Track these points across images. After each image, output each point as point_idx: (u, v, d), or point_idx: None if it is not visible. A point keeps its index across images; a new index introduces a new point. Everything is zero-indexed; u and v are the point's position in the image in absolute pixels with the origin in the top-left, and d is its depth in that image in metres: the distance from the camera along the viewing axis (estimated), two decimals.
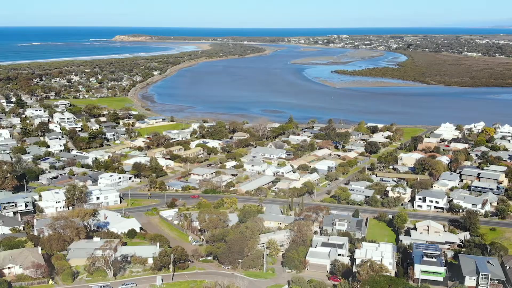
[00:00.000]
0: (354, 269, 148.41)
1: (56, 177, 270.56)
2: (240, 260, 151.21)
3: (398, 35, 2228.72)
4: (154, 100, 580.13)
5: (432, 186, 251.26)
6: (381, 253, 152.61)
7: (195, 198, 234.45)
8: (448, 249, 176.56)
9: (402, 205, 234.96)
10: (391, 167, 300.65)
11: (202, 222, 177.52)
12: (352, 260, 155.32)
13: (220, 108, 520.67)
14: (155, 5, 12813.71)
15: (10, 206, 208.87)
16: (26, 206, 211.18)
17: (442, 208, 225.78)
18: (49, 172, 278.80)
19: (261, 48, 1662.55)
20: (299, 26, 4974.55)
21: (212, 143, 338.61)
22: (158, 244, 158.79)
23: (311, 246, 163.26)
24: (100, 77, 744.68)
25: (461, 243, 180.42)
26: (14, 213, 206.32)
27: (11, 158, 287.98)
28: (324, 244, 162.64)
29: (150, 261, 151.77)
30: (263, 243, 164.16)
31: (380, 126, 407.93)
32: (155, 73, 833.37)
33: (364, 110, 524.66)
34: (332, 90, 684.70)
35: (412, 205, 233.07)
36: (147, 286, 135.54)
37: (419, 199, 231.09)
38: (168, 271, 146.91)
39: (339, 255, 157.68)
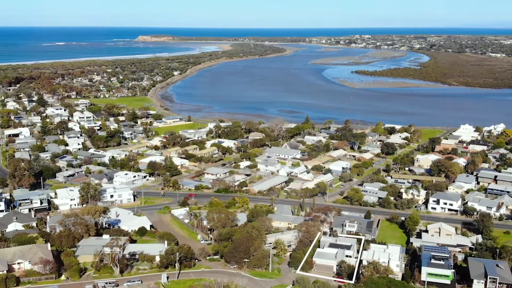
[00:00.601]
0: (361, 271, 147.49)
1: (73, 175, 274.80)
2: (246, 260, 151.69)
3: (422, 36, 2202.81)
4: (173, 100, 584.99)
5: (447, 188, 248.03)
6: (388, 255, 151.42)
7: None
8: (459, 252, 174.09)
9: (416, 207, 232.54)
10: (407, 168, 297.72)
11: (211, 221, 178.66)
12: (360, 261, 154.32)
13: (238, 108, 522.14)
14: (178, 6, 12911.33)
15: (26, 203, 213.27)
16: (41, 203, 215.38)
17: (456, 211, 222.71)
18: (66, 170, 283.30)
19: (282, 48, 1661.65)
20: (320, 26, 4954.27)
21: (227, 143, 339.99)
22: (165, 242, 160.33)
23: (319, 247, 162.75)
24: (121, 77, 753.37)
25: (473, 246, 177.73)
26: (30, 209, 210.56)
27: (30, 156, 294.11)
28: (332, 245, 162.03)
29: (158, 259, 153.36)
30: (270, 243, 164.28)
31: (398, 127, 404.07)
32: (175, 73, 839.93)
33: (383, 111, 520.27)
34: (351, 91, 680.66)
35: (426, 207, 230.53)
36: (152, 284, 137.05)
37: (433, 201, 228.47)
38: (174, 269, 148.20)
39: (347, 256, 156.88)
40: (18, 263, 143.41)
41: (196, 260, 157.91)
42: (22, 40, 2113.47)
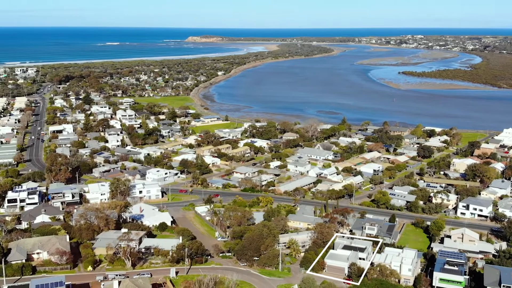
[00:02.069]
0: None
1: (108, 171, 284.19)
2: (256, 258, 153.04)
3: (476, 36, 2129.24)
4: (214, 100, 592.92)
5: (479, 194, 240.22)
6: (401, 259, 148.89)
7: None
8: (481, 258, 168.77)
9: (445, 212, 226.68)
10: (442, 172, 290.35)
11: (227, 219, 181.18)
12: (371, 264, 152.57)
13: (277, 108, 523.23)
14: (228, 7, 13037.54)
15: (58, 196, 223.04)
16: (73, 197, 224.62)
17: (486, 217, 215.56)
18: (102, 165, 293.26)
19: (329, 49, 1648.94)
20: (371, 26, 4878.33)
21: (260, 143, 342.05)
22: (180, 237, 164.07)
23: (333, 248, 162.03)
24: (166, 77, 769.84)
25: (496, 253, 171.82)
26: (62, 203, 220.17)
27: (70, 151, 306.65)
28: (346, 247, 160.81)
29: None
30: (284, 243, 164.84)
31: (438, 130, 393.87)
32: (219, 73, 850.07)
33: (426, 113, 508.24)
34: (395, 92, 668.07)
35: (455, 212, 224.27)
36: (161, 277, 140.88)
37: (463, 206, 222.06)
38: (186, 265, 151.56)
39: (360, 258, 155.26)
40: (37, 253, 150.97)
41: (209, 257, 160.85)
42: (77, 40, 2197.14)
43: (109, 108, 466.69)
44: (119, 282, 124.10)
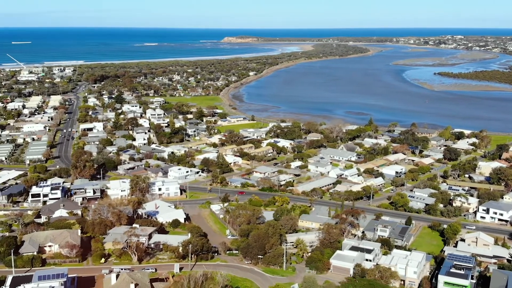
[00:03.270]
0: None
1: (133, 168, 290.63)
2: (260, 256, 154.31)
3: None
4: (243, 100, 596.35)
5: (502, 198, 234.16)
6: (407, 261, 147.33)
7: (242, 194, 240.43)
8: (494, 263, 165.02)
9: (464, 215, 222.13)
10: (467, 175, 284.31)
11: (237, 217, 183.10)
12: (376, 265, 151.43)
13: (305, 109, 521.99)
14: (263, 7, 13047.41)
15: (80, 192, 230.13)
16: (94, 192, 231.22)
17: (506, 221, 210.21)
18: (127, 163, 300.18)
19: (365, 49, 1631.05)
20: (410, 26, 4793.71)
21: (283, 143, 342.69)
22: (189, 234, 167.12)
23: (340, 249, 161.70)
24: (198, 77, 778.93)
25: (511, 258, 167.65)
26: (83, 198, 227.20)
27: (97, 149, 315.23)
28: (353, 248, 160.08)
29: (180, 249, 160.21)
30: (292, 242, 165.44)
31: (467, 132, 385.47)
32: (251, 73, 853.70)
33: (457, 114, 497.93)
34: (428, 93, 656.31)
35: (475, 215, 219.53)
36: (164, 272, 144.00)
37: (483, 210, 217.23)
38: (191, 261, 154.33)
39: (366, 260, 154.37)
40: (49, 246, 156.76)
41: (216, 254, 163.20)
42: (116, 40, 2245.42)
43: (140, 107, 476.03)
44: (117, 275, 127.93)
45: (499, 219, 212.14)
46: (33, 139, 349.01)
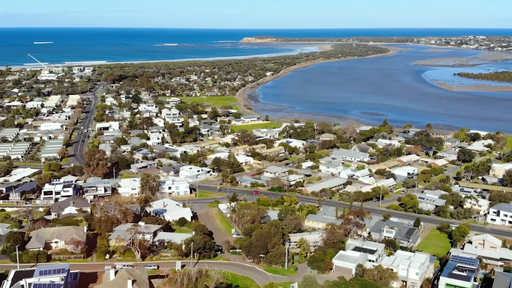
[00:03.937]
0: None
1: (145, 167, 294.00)
2: (262, 255, 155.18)
3: None
4: (258, 100, 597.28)
5: None
6: (409, 263, 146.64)
7: (257, 193, 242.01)
8: (501, 265, 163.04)
9: (474, 217, 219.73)
10: (480, 177, 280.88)
11: (242, 216, 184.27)
12: (378, 266, 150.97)
13: (320, 109, 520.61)
14: (283, 8, 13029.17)
15: (92, 190, 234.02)
16: (105, 190, 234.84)
17: None
18: (141, 162, 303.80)
19: (385, 49, 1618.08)
20: (431, 26, 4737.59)
21: (295, 143, 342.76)
22: (193, 232, 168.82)
23: (344, 249, 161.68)
24: (216, 77, 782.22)
25: None
26: (94, 196, 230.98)
27: (111, 147, 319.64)
28: (357, 249, 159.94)
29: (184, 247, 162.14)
30: (295, 242, 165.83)
31: (483, 133, 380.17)
32: (268, 73, 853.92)
33: (474, 115, 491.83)
34: (447, 94, 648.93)
35: (485, 218, 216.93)
36: (166, 270, 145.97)
37: (493, 212, 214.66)
38: (194, 259, 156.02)
39: (369, 260, 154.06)
40: (55, 242, 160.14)
41: (219, 252, 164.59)
42: (136, 41, 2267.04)
43: (156, 107, 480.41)
44: (116, 272, 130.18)
45: (510, 222, 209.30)
46: (50, 138, 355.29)
